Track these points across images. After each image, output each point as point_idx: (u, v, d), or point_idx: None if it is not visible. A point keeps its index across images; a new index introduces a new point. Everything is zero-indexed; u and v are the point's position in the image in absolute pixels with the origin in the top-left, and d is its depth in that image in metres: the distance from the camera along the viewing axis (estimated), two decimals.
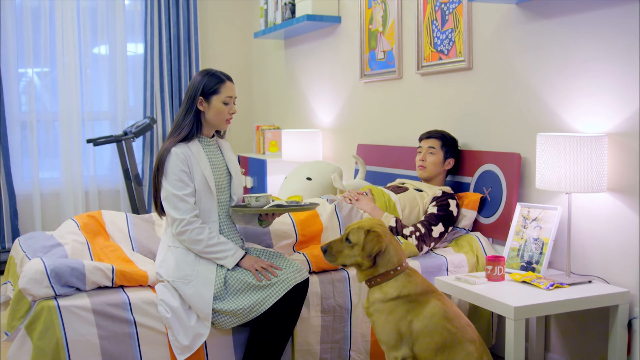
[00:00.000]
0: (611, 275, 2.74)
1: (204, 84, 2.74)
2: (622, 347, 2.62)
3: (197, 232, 2.64)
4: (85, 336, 2.48)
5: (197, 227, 2.64)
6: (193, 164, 2.70)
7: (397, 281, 2.44)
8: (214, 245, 2.65)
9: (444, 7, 3.63)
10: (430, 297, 2.42)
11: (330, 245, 2.51)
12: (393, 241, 2.50)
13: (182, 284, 2.62)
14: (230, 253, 2.66)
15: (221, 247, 2.66)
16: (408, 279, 2.45)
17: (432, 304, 2.39)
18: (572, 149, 2.62)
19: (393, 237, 2.52)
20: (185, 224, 2.63)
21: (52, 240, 2.95)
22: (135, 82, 5.87)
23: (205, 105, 2.75)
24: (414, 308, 2.39)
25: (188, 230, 2.63)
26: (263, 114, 6.20)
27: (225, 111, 2.77)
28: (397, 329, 2.39)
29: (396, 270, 2.46)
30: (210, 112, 2.76)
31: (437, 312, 2.38)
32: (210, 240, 2.65)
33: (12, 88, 5.40)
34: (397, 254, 2.47)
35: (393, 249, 2.47)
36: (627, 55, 2.63)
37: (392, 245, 2.48)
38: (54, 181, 5.63)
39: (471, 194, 3.36)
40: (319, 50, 5.07)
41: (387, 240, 2.47)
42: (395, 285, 2.43)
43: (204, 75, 2.77)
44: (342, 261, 2.50)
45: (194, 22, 5.90)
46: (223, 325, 2.63)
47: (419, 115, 3.93)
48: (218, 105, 2.75)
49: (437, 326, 2.36)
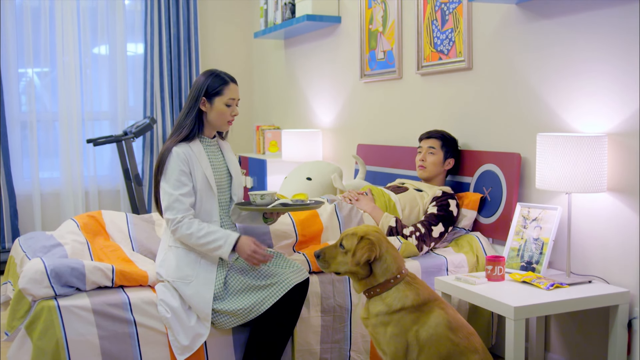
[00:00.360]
0: (611, 275, 2.74)
1: (208, 84, 2.73)
2: (622, 347, 2.62)
3: (187, 227, 2.62)
4: (85, 336, 2.48)
5: (186, 222, 2.62)
6: (194, 164, 2.70)
7: (398, 291, 2.34)
8: (205, 237, 2.60)
9: (444, 7, 3.62)
10: (434, 306, 2.33)
11: (324, 251, 2.42)
12: (390, 248, 2.40)
13: (183, 284, 2.62)
14: (221, 242, 2.60)
15: (212, 237, 2.60)
16: (409, 287, 2.35)
17: (436, 314, 2.31)
18: (572, 149, 2.62)
19: (390, 245, 2.41)
20: (176, 222, 2.63)
21: (52, 240, 2.95)
22: (135, 82, 5.87)
23: (207, 106, 2.75)
24: (419, 318, 2.30)
25: (179, 227, 2.62)
26: (263, 114, 6.20)
27: (227, 113, 2.77)
28: (404, 341, 2.30)
29: (396, 278, 2.36)
30: (212, 113, 2.76)
31: (441, 322, 2.30)
32: (199, 231, 2.61)
33: (12, 88, 5.40)
34: (395, 261, 2.37)
35: (390, 256, 2.37)
36: (627, 55, 2.63)
37: (389, 252, 2.38)
38: (54, 181, 5.63)
39: (471, 194, 3.36)
40: (319, 50, 5.07)
41: (383, 248, 2.36)
42: (398, 296, 2.33)
43: (208, 75, 2.76)
44: (335, 268, 2.41)
45: (194, 22, 5.90)
46: (223, 325, 2.63)
47: (419, 115, 3.93)
48: (220, 107, 2.75)
49: (441, 337, 2.28)
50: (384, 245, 2.38)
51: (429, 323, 2.30)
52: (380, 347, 2.37)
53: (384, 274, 2.36)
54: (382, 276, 2.37)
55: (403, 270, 2.40)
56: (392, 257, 2.38)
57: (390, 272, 2.37)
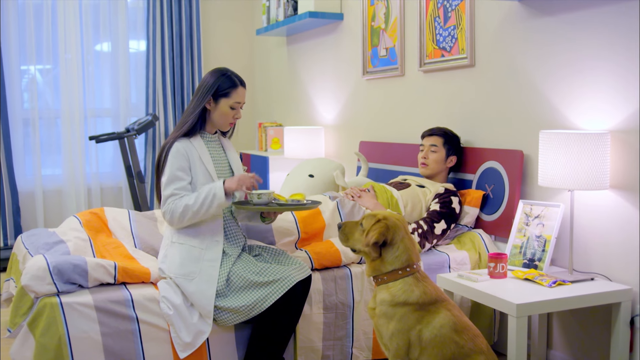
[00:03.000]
0: (614, 272, 2.74)
1: (219, 84, 2.74)
2: (624, 344, 2.62)
3: (176, 207, 2.65)
4: (88, 333, 2.48)
5: (174, 205, 2.65)
6: (194, 159, 2.71)
7: (405, 283, 2.32)
8: (196, 202, 2.62)
9: (446, 4, 3.62)
10: (440, 308, 2.31)
11: (345, 224, 2.46)
12: (406, 239, 2.36)
13: (185, 281, 2.62)
14: (213, 191, 2.62)
15: (202, 196, 2.62)
16: (416, 283, 2.32)
17: (442, 315, 2.28)
18: (575, 146, 2.62)
19: (408, 236, 2.38)
20: (168, 212, 2.67)
21: (54, 237, 2.95)
22: (137, 79, 5.88)
23: (212, 105, 2.76)
24: (424, 317, 2.28)
25: (172, 215, 2.65)
26: (265, 111, 6.20)
27: (230, 115, 2.79)
28: (407, 339, 2.28)
29: (404, 270, 2.33)
30: (215, 113, 2.77)
31: (447, 324, 2.27)
32: (190, 201, 2.63)
33: (15, 85, 5.41)
34: (406, 252, 2.34)
35: (403, 246, 2.34)
36: (630, 53, 2.62)
37: (403, 242, 2.35)
38: (56, 178, 5.64)
39: (473, 191, 3.36)
40: (321, 47, 5.06)
41: (397, 236, 2.34)
42: (404, 288, 2.31)
43: (219, 75, 2.77)
44: (352, 244, 2.43)
45: (196, 19, 5.90)
46: (225, 322, 2.63)
47: (421, 112, 3.92)
48: (224, 109, 2.76)
49: (445, 338, 2.26)
50: (399, 233, 2.35)
51: (434, 324, 2.27)
52: (383, 341, 2.37)
53: (392, 262, 2.34)
54: (390, 264, 2.34)
55: (415, 265, 2.36)
56: (405, 248, 2.35)
57: (400, 262, 2.33)
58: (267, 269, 2.67)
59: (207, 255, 2.68)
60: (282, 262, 2.74)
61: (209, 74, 2.79)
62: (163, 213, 2.70)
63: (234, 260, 2.72)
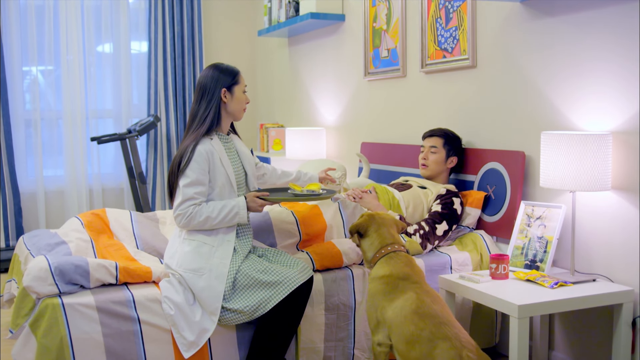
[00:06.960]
0: (615, 273, 2.74)
1: (225, 77, 2.79)
2: (626, 345, 2.62)
3: (199, 215, 2.67)
4: (90, 334, 2.48)
5: (196, 211, 2.67)
6: (215, 160, 2.72)
7: (379, 264, 2.53)
8: (220, 213, 2.68)
9: (448, 5, 3.62)
10: (408, 290, 2.41)
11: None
12: (382, 227, 2.58)
13: (195, 277, 2.62)
14: (236, 209, 2.70)
15: (226, 210, 2.69)
16: (388, 262, 2.51)
17: (407, 296, 2.38)
18: (577, 147, 2.62)
19: (382, 224, 2.59)
20: (187, 216, 2.67)
21: (56, 238, 2.96)
22: (139, 80, 5.88)
23: (228, 97, 2.80)
24: (389, 294, 2.42)
25: (191, 219, 2.66)
26: (267, 112, 6.20)
27: (244, 100, 2.87)
28: (374, 313, 2.45)
29: (380, 253, 2.54)
30: (232, 103, 2.82)
31: (408, 306, 2.35)
32: (212, 213, 2.67)
33: (17, 86, 5.42)
34: (379, 237, 2.56)
35: (376, 234, 2.57)
36: (631, 54, 2.62)
37: (377, 231, 2.57)
38: (58, 179, 5.64)
39: (475, 192, 3.36)
40: (323, 48, 5.07)
41: (372, 226, 2.58)
42: (376, 269, 2.52)
43: (219, 69, 2.81)
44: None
45: (197, 20, 5.90)
46: (228, 321, 2.63)
47: (422, 113, 3.92)
48: (239, 95, 2.84)
49: (405, 319, 2.34)
50: (375, 224, 2.59)
51: (396, 303, 2.39)
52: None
53: (369, 249, 2.59)
54: (368, 251, 2.59)
55: (389, 247, 2.55)
56: (377, 234, 2.58)
57: (374, 247, 2.57)
58: (272, 268, 2.67)
59: (217, 253, 2.68)
60: (285, 263, 2.74)
61: (207, 71, 2.81)
62: (177, 215, 2.68)
63: (243, 258, 2.72)
